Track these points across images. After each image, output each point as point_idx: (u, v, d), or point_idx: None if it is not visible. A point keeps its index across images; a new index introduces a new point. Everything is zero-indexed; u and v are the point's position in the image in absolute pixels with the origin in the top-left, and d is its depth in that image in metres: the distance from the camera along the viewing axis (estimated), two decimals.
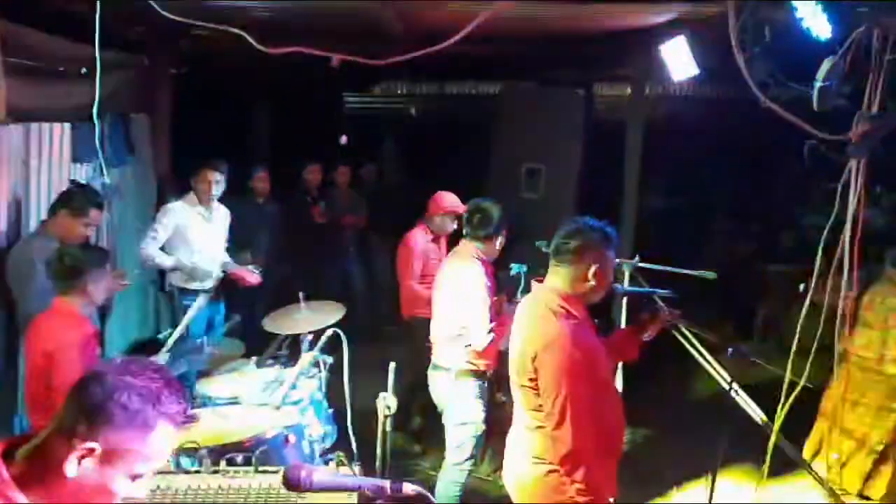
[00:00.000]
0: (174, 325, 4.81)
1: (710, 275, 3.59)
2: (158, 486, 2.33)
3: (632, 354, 2.91)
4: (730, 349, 3.00)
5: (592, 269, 2.51)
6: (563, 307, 2.53)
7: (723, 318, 6.77)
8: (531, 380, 2.50)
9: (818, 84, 2.63)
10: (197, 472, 2.45)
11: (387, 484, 1.48)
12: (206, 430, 2.73)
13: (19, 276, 3.68)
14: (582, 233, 2.55)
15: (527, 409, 2.59)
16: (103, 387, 1.34)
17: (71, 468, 1.32)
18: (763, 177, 8.33)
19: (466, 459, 3.71)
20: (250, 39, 2.48)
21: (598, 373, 2.58)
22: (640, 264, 3.71)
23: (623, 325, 3.50)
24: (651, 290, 3.03)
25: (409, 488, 1.50)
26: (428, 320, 4.22)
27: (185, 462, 2.57)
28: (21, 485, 1.32)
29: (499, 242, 3.78)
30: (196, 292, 4.80)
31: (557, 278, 2.58)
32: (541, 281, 2.67)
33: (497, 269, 3.90)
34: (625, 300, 3.35)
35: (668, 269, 3.64)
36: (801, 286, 3.85)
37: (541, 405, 2.52)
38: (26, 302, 3.58)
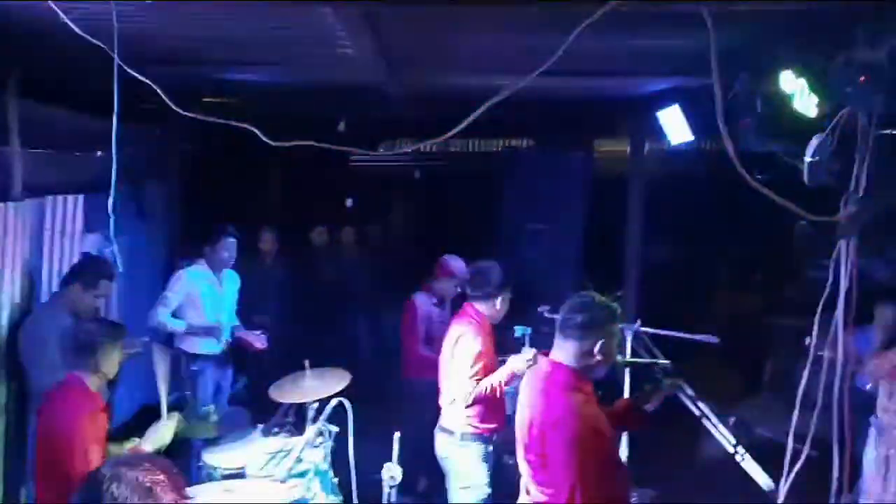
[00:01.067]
0: (181, 390, 4.89)
1: (713, 339, 3.62)
2: None
3: (636, 425, 2.93)
4: (731, 419, 3.01)
5: (598, 344, 2.54)
6: (569, 382, 2.55)
7: (730, 373, 6.74)
8: (539, 455, 2.52)
9: (807, 159, 2.70)
10: None
11: None
12: None
13: (31, 350, 3.74)
14: (588, 309, 2.59)
15: (534, 483, 2.60)
16: (97, 479, 1.42)
17: None
18: (766, 231, 8.36)
19: None
20: (259, 133, 2.57)
21: (605, 446, 2.61)
22: (642, 329, 3.75)
23: (626, 393, 3.53)
24: (651, 360, 3.07)
25: None
26: (432, 382, 4.27)
27: None
28: None
29: (499, 302, 3.82)
30: (205, 357, 4.86)
31: (563, 353, 2.60)
32: (546, 354, 2.70)
33: (499, 332, 3.96)
34: (627, 369, 3.39)
35: (670, 333, 3.67)
36: (807, 339, 3.85)
37: (548, 479, 2.53)
38: (38, 375, 3.63)
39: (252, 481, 3.15)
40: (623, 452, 3.61)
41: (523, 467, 2.66)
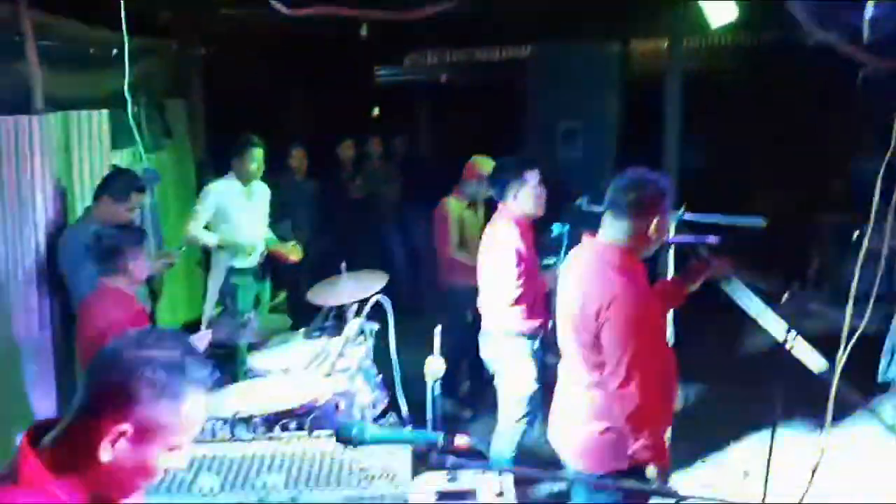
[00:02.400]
0: (221, 304, 4.93)
1: (759, 221, 3.46)
2: (215, 456, 2.36)
3: (676, 304, 2.85)
4: (786, 294, 2.91)
5: (654, 222, 2.44)
6: (624, 262, 2.47)
7: (774, 269, 6.59)
8: (594, 337, 2.46)
9: (869, 11, 2.49)
10: (252, 440, 2.48)
11: (439, 436, 1.46)
12: (259, 399, 2.76)
13: (70, 263, 3.77)
14: (641, 185, 2.47)
15: (585, 369, 2.54)
16: (124, 365, 1.29)
17: (105, 453, 1.27)
18: (812, 123, 8.03)
19: (520, 419, 3.70)
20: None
21: (658, 325, 2.55)
22: (686, 216, 3.61)
23: (670, 274, 3.43)
24: (698, 237, 2.93)
25: (461, 441, 1.48)
26: (468, 287, 4.22)
27: (240, 431, 2.60)
28: (54, 472, 1.28)
29: (526, 194, 3.64)
30: (242, 271, 4.86)
31: (615, 232, 2.50)
32: (594, 235, 2.60)
33: (538, 232, 3.86)
34: (671, 251, 3.26)
35: (715, 219, 3.52)
36: (856, 233, 3.69)
37: (601, 363, 2.47)
38: (78, 286, 3.66)
39: (297, 377, 3.15)
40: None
41: (571, 351, 2.60)
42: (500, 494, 1.71)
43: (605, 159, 6.09)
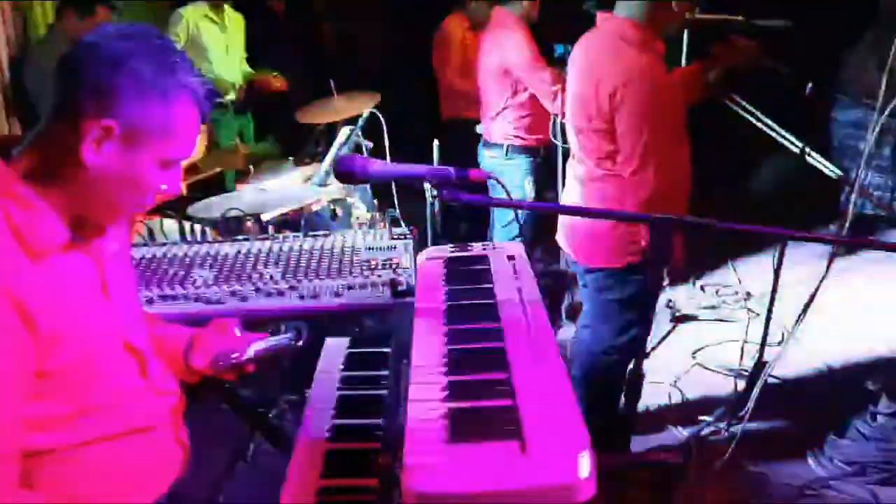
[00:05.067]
0: None
1: (782, 23, 3.20)
2: (208, 253, 2.23)
3: (695, 96, 2.66)
4: (809, 86, 2.71)
5: None
6: (642, 38, 2.27)
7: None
8: (606, 121, 2.28)
9: None
10: (245, 239, 2.34)
11: (451, 170, 1.30)
12: (251, 201, 2.61)
13: (35, 85, 3.52)
14: None
15: (595, 158, 2.39)
16: (106, 56, 1.11)
17: (89, 153, 1.11)
18: None
19: (516, 237, 3.62)
20: None
21: (678, 112, 2.39)
22: (699, 16, 3.33)
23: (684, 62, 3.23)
24: (724, 17, 2.68)
25: (476, 174, 1.33)
26: (470, 121, 4.01)
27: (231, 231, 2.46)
28: (30, 181, 1.13)
29: None
30: (219, 104, 4.59)
31: (630, 7, 2.29)
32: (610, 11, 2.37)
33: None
34: (685, 36, 3.03)
35: (733, 18, 3.24)
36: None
37: (614, 151, 2.31)
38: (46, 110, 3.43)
39: (290, 184, 3.00)
40: None
41: (582, 142, 2.43)
42: (512, 258, 1.58)
43: None
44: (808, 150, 3.25)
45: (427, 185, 2.60)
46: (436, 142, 3.19)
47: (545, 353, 1.21)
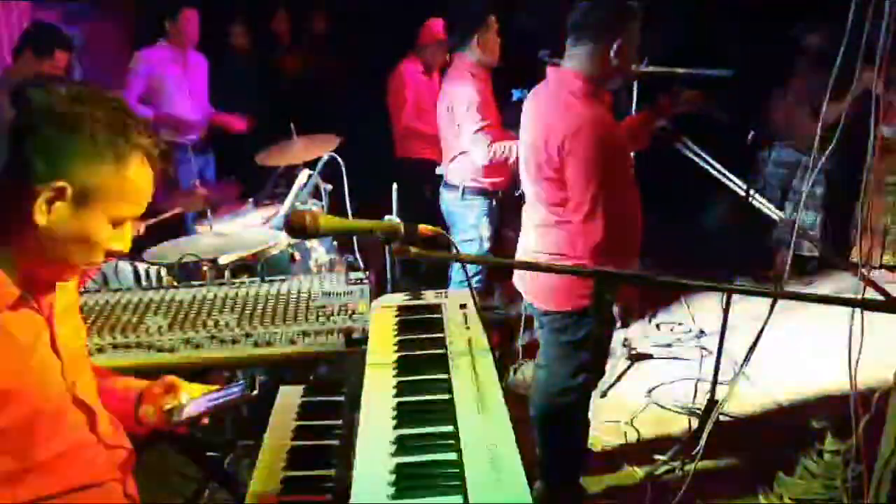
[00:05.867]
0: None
1: (728, 73, 3.35)
2: (163, 299, 2.23)
3: (641, 144, 2.77)
4: (751, 132, 2.84)
5: (615, 45, 2.30)
6: (588, 90, 2.35)
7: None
8: (556, 170, 2.35)
9: None
10: (201, 285, 2.34)
11: (401, 224, 1.34)
12: (208, 244, 2.61)
13: None
14: (603, 6, 2.33)
15: (547, 205, 2.46)
16: (60, 121, 1.13)
17: (41, 216, 1.13)
18: None
19: (474, 276, 3.69)
20: None
21: (624, 161, 2.47)
22: (648, 68, 3.47)
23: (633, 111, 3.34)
24: (670, 70, 2.81)
25: (424, 229, 1.37)
26: (424, 161, 4.08)
27: (187, 278, 2.46)
28: None
29: (482, 39, 3.48)
30: (181, 145, 4.59)
31: (577, 60, 2.37)
32: (557, 66, 2.46)
33: (498, 97, 3.70)
34: (635, 89, 3.14)
35: (680, 70, 3.39)
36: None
37: (565, 198, 2.38)
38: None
39: (249, 228, 3.00)
40: None
41: (536, 189, 2.50)
42: (464, 306, 1.62)
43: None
44: (752, 192, 3.40)
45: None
46: (394, 185, 3.24)
47: (491, 405, 1.25)
